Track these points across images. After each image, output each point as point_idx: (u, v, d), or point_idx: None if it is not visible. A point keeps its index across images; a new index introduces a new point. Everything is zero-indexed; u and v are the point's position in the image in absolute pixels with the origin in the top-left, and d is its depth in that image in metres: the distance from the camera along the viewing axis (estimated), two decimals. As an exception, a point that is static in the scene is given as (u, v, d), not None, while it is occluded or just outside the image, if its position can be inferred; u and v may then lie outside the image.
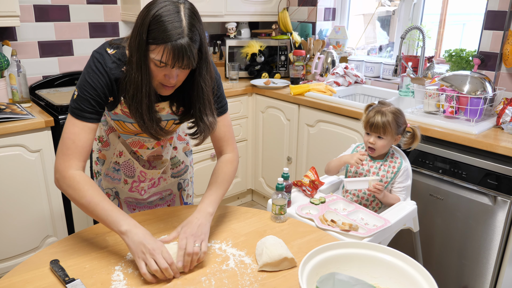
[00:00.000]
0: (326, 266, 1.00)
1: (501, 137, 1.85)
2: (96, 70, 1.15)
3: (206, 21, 2.95)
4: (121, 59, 1.17)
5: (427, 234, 2.07)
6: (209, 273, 1.10)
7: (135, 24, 1.09)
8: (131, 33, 1.11)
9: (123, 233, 1.08)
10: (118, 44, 1.19)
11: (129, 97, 1.14)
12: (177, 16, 1.04)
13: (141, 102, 1.13)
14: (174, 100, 1.25)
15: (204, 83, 1.18)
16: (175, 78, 1.11)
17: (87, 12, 2.64)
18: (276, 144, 2.89)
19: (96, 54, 1.17)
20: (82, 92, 1.15)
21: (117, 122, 1.32)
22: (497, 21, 2.13)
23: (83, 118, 1.16)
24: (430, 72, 2.46)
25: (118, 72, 1.17)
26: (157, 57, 1.06)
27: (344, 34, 3.03)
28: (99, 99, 1.16)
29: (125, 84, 1.14)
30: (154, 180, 1.50)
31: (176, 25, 1.03)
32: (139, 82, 1.11)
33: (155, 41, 1.04)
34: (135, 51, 1.08)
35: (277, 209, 1.36)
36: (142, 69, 1.09)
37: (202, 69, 1.16)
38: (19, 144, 2.04)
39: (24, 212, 2.13)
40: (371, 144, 1.64)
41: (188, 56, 1.05)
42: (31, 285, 1.04)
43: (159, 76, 1.11)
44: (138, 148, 1.41)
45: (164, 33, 1.03)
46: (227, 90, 2.76)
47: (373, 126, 1.62)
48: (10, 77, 2.24)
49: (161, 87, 1.16)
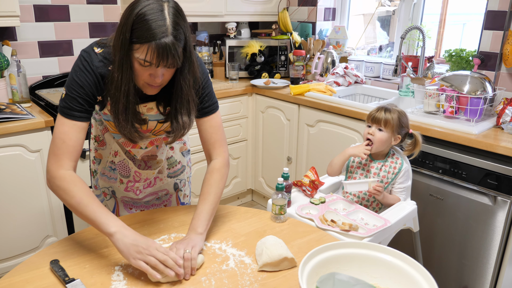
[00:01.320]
0: (326, 266, 1.00)
1: (501, 137, 1.85)
2: (83, 68, 1.15)
3: (206, 21, 2.96)
4: (108, 58, 1.16)
5: (427, 234, 2.07)
6: (209, 273, 1.10)
7: (119, 23, 1.08)
8: (115, 32, 1.10)
9: (111, 235, 1.07)
10: (105, 43, 1.19)
11: (110, 96, 1.14)
12: (161, 15, 1.03)
13: (118, 101, 1.13)
14: (161, 99, 1.24)
15: (184, 81, 1.16)
16: (160, 77, 1.10)
17: (87, 12, 2.64)
18: (276, 144, 2.89)
19: (83, 53, 1.17)
20: (70, 91, 1.15)
21: (108, 122, 1.32)
22: (497, 21, 2.13)
23: (72, 117, 1.16)
24: (430, 72, 2.46)
25: (105, 71, 1.16)
26: (141, 56, 1.05)
27: (344, 34, 3.03)
28: (87, 98, 1.16)
29: (108, 83, 1.14)
30: (150, 180, 1.49)
31: (160, 23, 1.02)
32: (119, 81, 1.10)
33: (139, 40, 1.03)
34: (118, 50, 1.07)
35: (277, 209, 1.36)
36: (123, 68, 1.08)
37: (184, 68, 1.15)
38: (19, 144, 2.04)
39: (24, 212, 2.13)
40: (370, 134, 1.64)
41: (172, 54, 1.04)
42: (31, 285, 1.04)
43: (144, 75, 1.10)
44: (131, 148, 1.41)
45: (148, 31, 1.02)
46: (227, 90, 2.76)
47: (375, 118, 1.63)
48: (10, 77, 2.24)
49: (147, 87, 1.15)
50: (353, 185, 1.58)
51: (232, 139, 2.94)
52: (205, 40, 3.16)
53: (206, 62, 3.09)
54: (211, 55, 3.10)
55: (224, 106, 2.80)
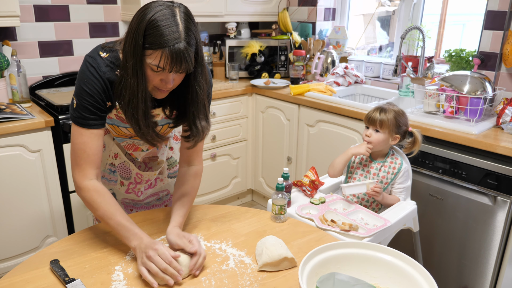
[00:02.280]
0: (326, 266, 1.00)
1: (501, 137, 1.85)
2: (91, 75, 1.14)
3: (206, 21, 2.95)
4: (115, 63, 1.15)
5: (427, 234, 2.07)
6: (209, 273, 1.10)
7: (130, 29, 1.07)
8: (125, 37, 1.09)
9: (133, 249, 1.12)
10: (111, 47, 1.18)
11: (125, 102, 1.13)
12: (174, 21, 1.03)
13: (137, 108, 1.12)
14: (167, 104, 1.25)
15: (199, 86, 1.17)
16: (171, 82, 1.11)
17: (87, 12, 2.64)
18: (276, 144, 2.89)
19: (89, 59, 1.16)
20: (80, 100, 1.15)
21: (112, 126, 1.32)
22: (497, 21, 2.13)
23: (88, 126, 1.16)
24: (430, 72, 2.46)
25: (113, 76, 1.15)
26: (154, 62, 1.05)
27: (344, 34, 3.03)
28: (98, 105, 1.16)
29: (120, 89, 1.12)
30: (151, 181, 1.49)
31: (173, 29, 1.02)
32: (135, 88, 1.09)
33: (152, 46, 1.03)
34: (131, 56, 1.07)
35: (277, 209, 1.36)
36: (138, 75, 1.08)
37: (198, 73, 1.15)
38: (19, 144, 2.04)
39: (24, 212, 2.13)
40: (367, 136, 1.64)
41: (186, 60, 1.05)
42: (31, 285, 1.04)
43: (155, 80, 1.11)
44: (133, 151, 1.41)
45: (161, 38, 1.02)
46: (227, 90, 2.76)
47: (371, 119, 1.63)
48: (10, 77, 2.24)
49: (156, 91, 1.15)
50: (351, 188, 1.58)
51: (232, 139, 2.94)
52: (205, 40, 3.17)
53: (206, 62, 3.08)
54: (211, 55, 3.10)
55: (224, 106, 2.80)
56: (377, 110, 1.64)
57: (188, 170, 1.35)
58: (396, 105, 1.69)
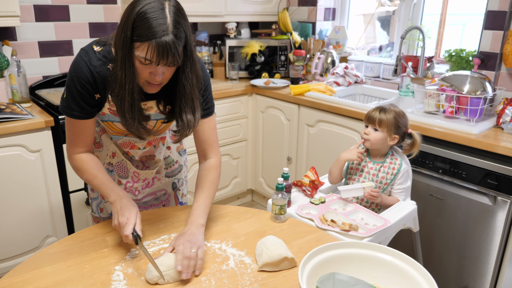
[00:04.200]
0: (326, 266, 1.00)
1: (501, 137, 1.85)
2: (81, 68, 1.16)
3: (206, 21, 2.96)
4: (107, 57, 1.18)
5: (427, 234, 2.07)
6: (209, 273, 1.10)
7: (120, 22, 1.09)
8: (116, 30, 1.11)
9: (111, 203, 1.21)
10: (105, 41, 1.20)
11: (114, 94, 1.15)
12: (162, 13, 1.04)
13: (124, 100, 1.14)
14: (162, 98, 1.25)
15: (187, 80, 1.18)
16: (160, 75, 1.12)
17: (87, 12, 2.64)
18: (276, 144, 2.89)
19: (82, 52, 1.19)
20: (69, 91, 1.19)
21: (106, 123, 1.33)
22: (497, 21, 2.13)
23: (76, 117, 1.21)
24: (430, 72, 2.46)
25: (104, 70, 1.17)
26: (142, 54, 1.06)
27: (344, 34, 3.03)
28: (86, 98, 1.19)
29: (111, 82, 1.15)
30: (148, 180, 1.49)
31: (160, 22, 1.03)
32: (123, 80, 1.11)
33: (140, 38, 1.04)
34: (120, 48, 1.08)
35: (277, 209, 1.36)
36: (126, 67, 1.09)
37: (186, 67, 1.16)
38: (19, 144, 2.04)
39: (24, 212, 2.13)
40: (365, 134, 1.65)
41: (172, 53, 1.05)
42: (31, 285, 1.04)
43: (145, 73, 1.11)
44: (130, 149, 1.41)
45: (149, 30, 1.03)
46: (227, 90, 2.76)
47: (370, 118, 1.64)
48: (10, 77, 2.24)
49: (147, 85, 1.16)
50: (349, 191, 1.57)
51: (232, 139, 2.94)
52: (205, 40, 3.16)
53: (206, 62, 3.09)
54: (211, 55, 3.10)
55: (224, 106, 2.80)
56: (378, 109, 1.64)
57: (203, 165, 1.37)
58: (397, 107, 1.69)
